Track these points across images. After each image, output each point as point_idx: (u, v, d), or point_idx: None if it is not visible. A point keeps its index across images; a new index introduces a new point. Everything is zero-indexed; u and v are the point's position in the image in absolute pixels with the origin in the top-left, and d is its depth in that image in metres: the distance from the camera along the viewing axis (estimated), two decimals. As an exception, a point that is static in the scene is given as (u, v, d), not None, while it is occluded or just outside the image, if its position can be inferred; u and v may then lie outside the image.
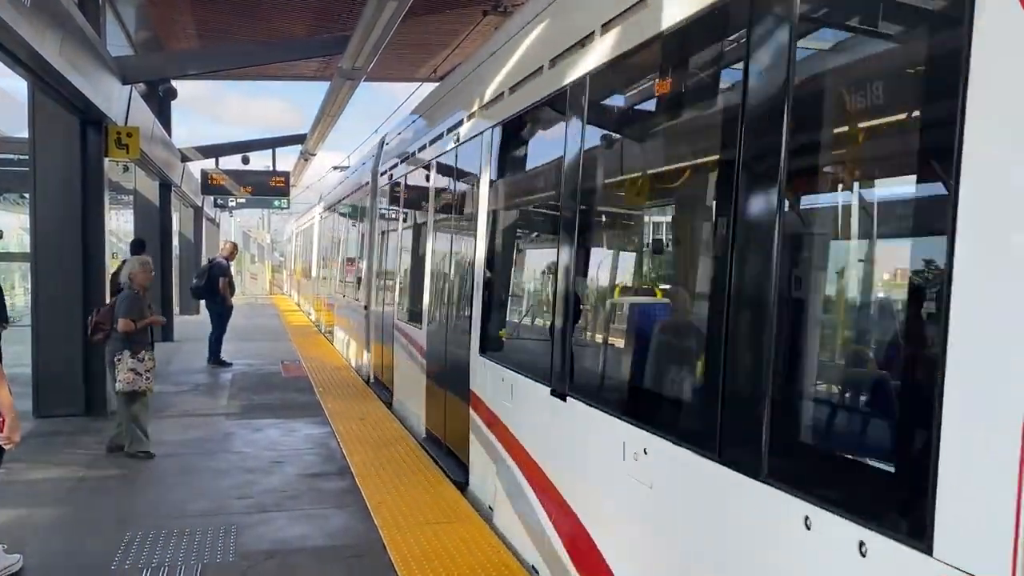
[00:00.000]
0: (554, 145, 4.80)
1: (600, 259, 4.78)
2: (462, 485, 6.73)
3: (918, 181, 2.39)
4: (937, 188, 2.18)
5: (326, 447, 8.20)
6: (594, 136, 4.45)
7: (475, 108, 6.70)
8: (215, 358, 13.92)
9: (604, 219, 4.82)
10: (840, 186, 2.82)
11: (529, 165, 5.98)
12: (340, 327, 16.70)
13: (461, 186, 7.33)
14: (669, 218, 4.37)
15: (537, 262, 5.91)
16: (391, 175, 10.73)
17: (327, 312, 19.92)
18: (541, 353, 4.88)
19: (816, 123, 2.73)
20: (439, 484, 6.77)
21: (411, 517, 5.92)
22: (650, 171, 4.21)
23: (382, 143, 12.00)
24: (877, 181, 2.77)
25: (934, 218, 2.17)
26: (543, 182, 5.40)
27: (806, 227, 2.88)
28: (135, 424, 7.71)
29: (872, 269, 2.75)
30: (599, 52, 4.13)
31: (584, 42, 4.30)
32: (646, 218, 4.49)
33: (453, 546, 5.34)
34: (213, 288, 13.86)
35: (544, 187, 5.39)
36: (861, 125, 2.64)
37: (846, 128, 2.77)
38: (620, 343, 4.48)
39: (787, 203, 2.68)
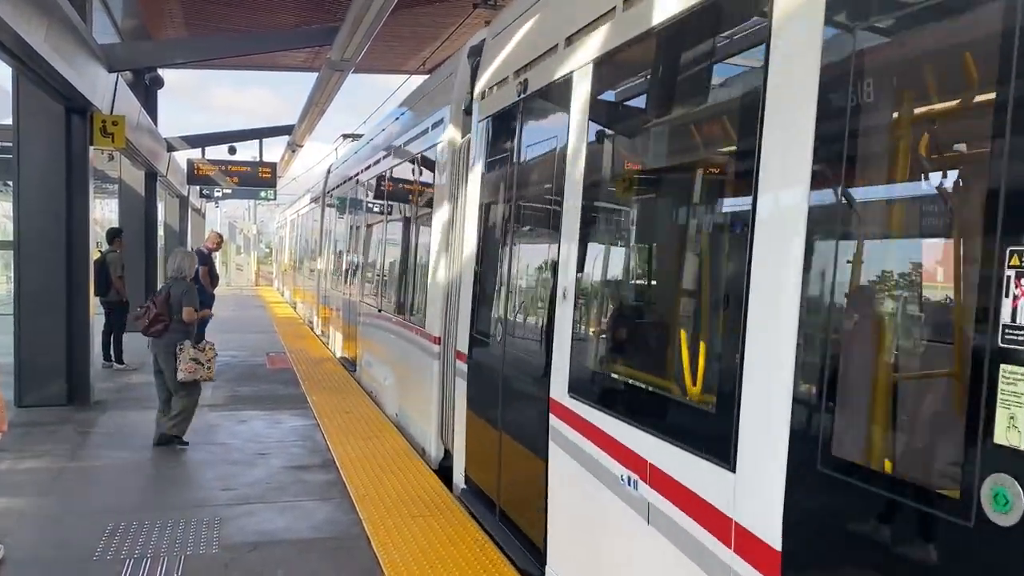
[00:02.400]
0: None
1: None
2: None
3: None
4: None
5: (311, 439, 8.19)
6: None
7: None
8: None
9: None
10: None
11: None
12: (373, 356, 10.81)
13: None
14: None
15: None
16: (523, 85, 5.23)
17: (340, 326, 14.51)
18: None
19: None
20: (424, 477, 6.78)
21: (395, 510, 5.93)
22: None
23: (477, 55, 6.71)
24: None
25: None
26: None
27: None
28: (188, 413, 7.83)
29: None
30: None
31: None
32: None
33: (436, 539, 5.36)
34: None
35: None
36: None
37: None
38: None
39: None
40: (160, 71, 18.60)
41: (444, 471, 7.00)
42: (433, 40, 15.33)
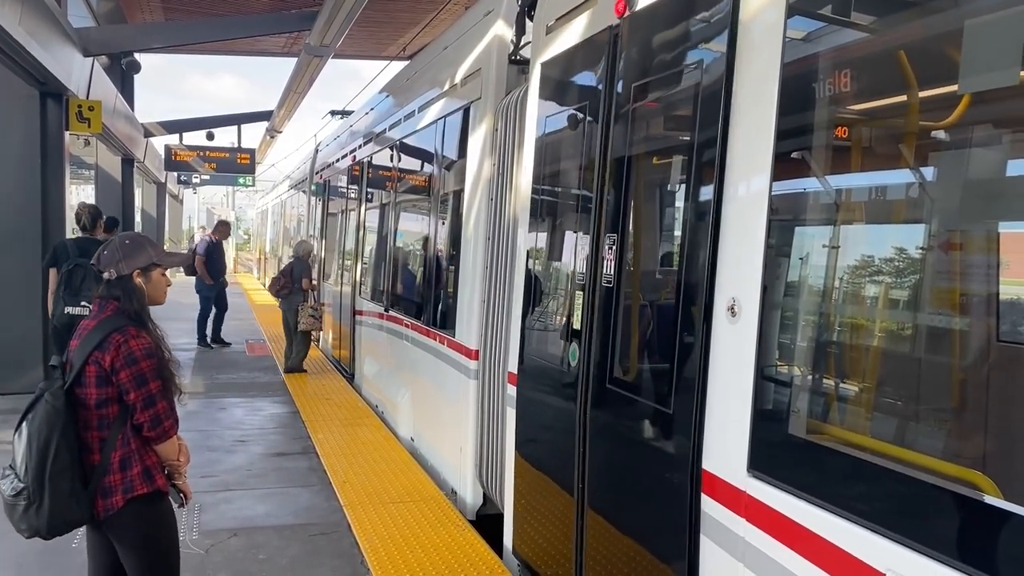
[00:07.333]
0: None
1: None
2: None
3: None
4: None
5: (291, 426, 8.19)
6: None
7: None
8: (201, 340, 13.54)
9: None
10: None
11: None
12: (378, 364, 9.19)
13: None
14: None
15: None
16: None
17: (332, 324, 12.47)
18: None
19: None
20: (405, 465, 6.81)
21: (375, 496, 5.95)
22: None
23: None
24: None
25: None
26: None
27: None
28: (304, 352, 11.06)
29: None
30: None
31: None
32: None
33: (417, 524, 5.39)
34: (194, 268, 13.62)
35: None
36: None
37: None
38: None
39: None
40: (136, 56, 18.37)
41: (483, 522, 5.74)
42: (413, 26, 15.24)
